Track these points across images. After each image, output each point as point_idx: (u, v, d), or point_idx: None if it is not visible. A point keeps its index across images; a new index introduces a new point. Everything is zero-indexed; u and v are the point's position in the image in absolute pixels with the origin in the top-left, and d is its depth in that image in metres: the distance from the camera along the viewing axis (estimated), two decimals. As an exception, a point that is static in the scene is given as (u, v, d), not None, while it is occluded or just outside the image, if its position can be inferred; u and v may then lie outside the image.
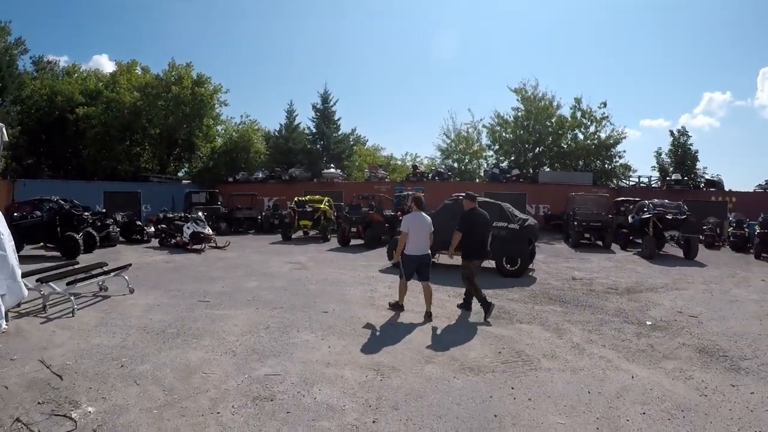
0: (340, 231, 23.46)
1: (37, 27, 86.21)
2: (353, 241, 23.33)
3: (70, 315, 9.96)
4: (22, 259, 17.34)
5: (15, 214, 20.73)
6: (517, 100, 43.64)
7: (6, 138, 11.64)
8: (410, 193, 27.93)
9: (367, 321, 9.59)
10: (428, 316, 9.78)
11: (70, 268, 12.61)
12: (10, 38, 42.47)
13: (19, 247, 18.77)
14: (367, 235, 22.30)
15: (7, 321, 9.05)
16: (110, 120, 41.98)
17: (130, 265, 13.08)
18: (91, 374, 6.68)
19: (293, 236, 26.55)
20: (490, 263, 15.45)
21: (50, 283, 10.71)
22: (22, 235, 19.24)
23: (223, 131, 50.84)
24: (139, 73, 46.78)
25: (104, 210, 26.28)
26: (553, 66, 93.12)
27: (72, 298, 10.47)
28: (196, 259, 18.80)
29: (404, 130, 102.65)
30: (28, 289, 10.28)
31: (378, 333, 8.87)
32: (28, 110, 43.15)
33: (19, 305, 10.29)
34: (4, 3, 75.41)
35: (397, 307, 10.40)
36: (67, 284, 10.71)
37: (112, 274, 12.41)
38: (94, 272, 12.28)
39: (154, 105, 42.67)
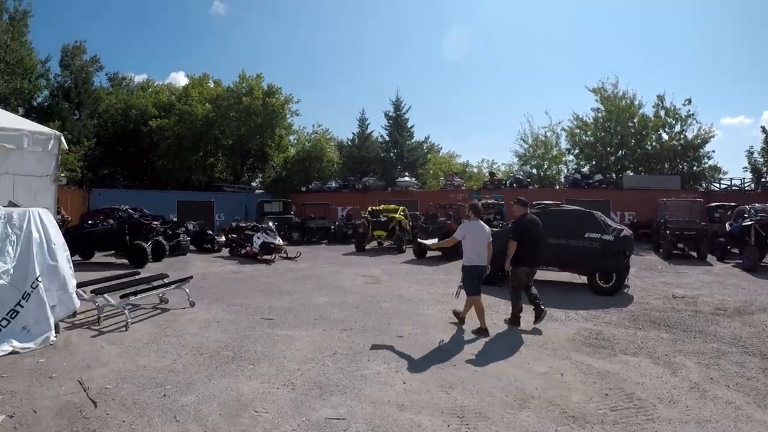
0: (416, 243, 22.19)
1: (117, 48, 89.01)
2: (429, 253, 22.01)
3: (124, 329, 9.26)
4: (92, 266, 18.11)
5: (89, 222, 20.98)
6: (596, 100, 41.90)
7: (65, 146, 11.10)
8: (493, 201, 26.64)
9: (447, 348, 8.35)
10: (484, 332, 9.18)
11: (131, 278, 11.99)
12: (86, 56, 44.17)
13: (89, 255, 20.42)
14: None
15: (57, 332, 8.62)
16: (183, 131, 42.39)
17: (191, 277, 12.27)
18: (128, 403, 5.78)
19: (367, 247, 25.57)
20: (579, 278, 14.45)
21: (105, 295, 10.03)
22: (92, 243, 20.38)
23: (295, 141, 50.77)
24: (211, 86, 47.17)
25: (176, 219, 26.49)
26: (628, 62, 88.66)
27: (126, 311, 9.72)
28: (265, 270, 18.03)
29: (480, 135, 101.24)
30: (84, 300, 9.89)
31: (460, 364, 7.58)
32: (104, 123, 44.29)
33: (74, 315, 9.83)
34: (87, 25, 78.29)
35: (481, 332, 9.20)
36: (121, 297, 9.93)
37: (173, 286, 11.58)
38: (153, 284, 11.53)
39: (225, 116, 42.78)
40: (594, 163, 41.59)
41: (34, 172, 11.03)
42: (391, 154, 47.41)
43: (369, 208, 26.85)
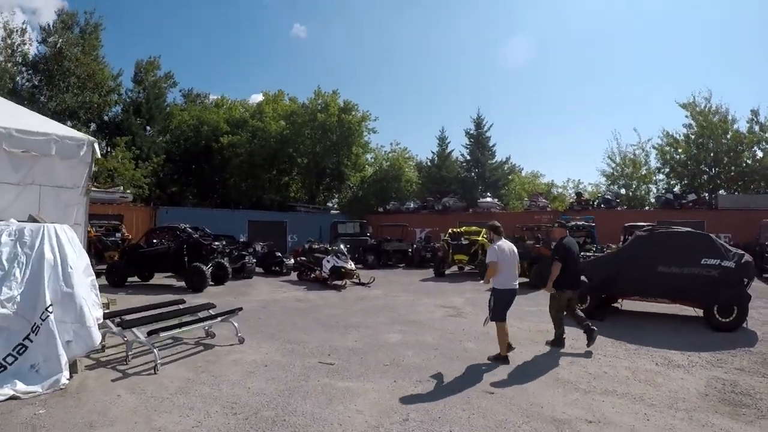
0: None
1: (195, 70, 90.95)
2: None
3: (152, 372, 7.77)
4: (149, 289, 17.81)
5: (153, 241, 20.25)
6: (687, 116, 38.79)
7: (98, 154, 9.56)
8: (583, 223, 24.33)
9: (554, 415, 6.29)
10: (504, 360, 8.68)
11: (172, 309, 10.49)
12: (159, 72, 44.90)
13: (148, 276, 19.79)
14: (533, 274, 18.78)
15: (74, 373, 7.49)
16: (255, 149, 41.65)
17: (240, 309, 10.50)
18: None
19: (447, 272, 23.56)
20: (689, 311, 12.81)
21: (134, 330, 8.55)
22: (150, 264, 19.34)
23: (372, 160, 49.56)
24: (287, 102, 46.46)
25: (245, 239, 25.94)
26: (719, 75, 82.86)
27: (155, 350, 8.15)
28: (333, 297, 16.38)
29: (565, 155, 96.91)
30: (113, 334, 8.68)
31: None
32: (176, 140, 44.42)
33: (103, 350, 8.87)
34: (167, 45, 79.59)
35: (499, 359, 8.73)
36: (149, 334, 8.26)
37: (219, 319, 9.95)
38: (186, 318, 9.96)
39: (300, 133, 41.84)
40: (685, 182, 38.65)
41: (63, 183, 9.47)
42: (472, 173, 45.39)
43: (449, 230, 24.98)
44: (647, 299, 12.83)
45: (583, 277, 12.90)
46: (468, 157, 46.04)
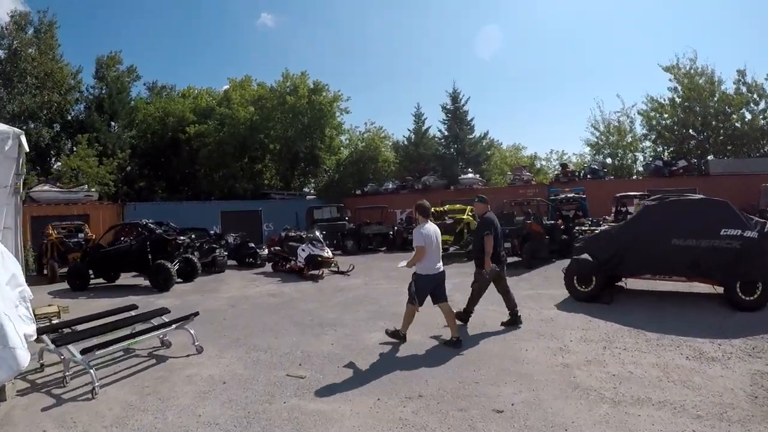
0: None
1: (162, 63, 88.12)
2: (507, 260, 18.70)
3: (90, 396, 6.69)
4: (113, 291, 16.80)
5: (122, 238, 19.07)
6: (670, 80, 37.73)
7: (26, 148, 8.18)
8: (573, 195, 23.21)
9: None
10: (457, 343, 8.44)
11: (121, 317, 9.28)
12: (121, 66, 44.24)
13: (114, 277, 18.80)
14: (525, 252, 17.68)
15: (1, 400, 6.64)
16: (225, 137, 40.22)
17: (196, 314, 9.20)
18: None
19: (431, 254, 22.22)
20: (708, 288, 11.43)
21: (70, 347, 7.36)
22: (112, 264, 18.22)
23: (347, 141, 48.29)
24: (254, 88, 44.84)
25: (218, 231, 24.92)
26: (701, 35, 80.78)
27: (92, 371, 6.96)
28: (309, 289, 15.13)
29: (546, 125, 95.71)
30: (49, 351, 7.68)
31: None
32: (142, 134, 43.42)
33: (42, 369, 7.95)
34: (132, 40, 77.80)
35: (397, 335, 8.84)
36: (83, 352, 7.04)
37: (173, 326, 8.73)
38: (140, 326, 8.91)
39: (270, 118, 40.44)
40: (672, 148, 37.66)
41: (-15, 182, 8.14)
42: (451, 149, 44.15)
43: (432, 210, 23.42)
44: (660, 277, 11.58)
45: (586, 255, 11.83)
46: (446, 133, 44.78)
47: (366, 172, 41.96)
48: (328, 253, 18.06)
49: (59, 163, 36.19)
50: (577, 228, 17.96)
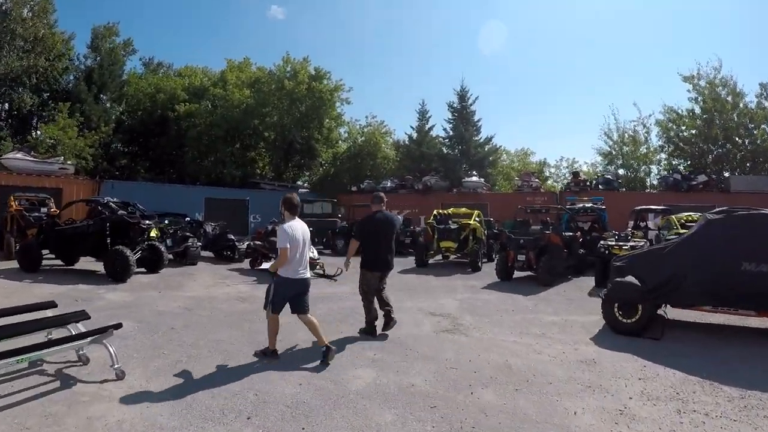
0: (502, 259, 16.36)
1: (174, 51, 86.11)
2: (517, 273, 16.35)
3: None
4: (68, 275, 15.05)
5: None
6: (689, 90, 35.90)
7: None
8: (589, 206, 20.90)
9: None
10: (327, 354, 7.35)
11: (32, 319, 7.05)
12: (118, 39, 43.29)
13: (74, 259, 16.92)
14: (543, 266, 15.25)
15: None
16: (216, 119, 38.11)
17: (118, 326, 6.71)
18: None
19: (430, 261, 20.02)
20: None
21: None
22: (68, 245, 16.13)
23: (346, 134, 46.18)
24: (254, 70, 42.78)
25: (200, 219, 23.53)
26: (720, 46, 77.86)
27: None
28: (286, 296, 12.72)
29: (556, 132, 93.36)
30: None
31: None
32: (131, 110, 42.15)
33: None
34: (143, 27, 75.80)
35: (268, 354, 7.65)
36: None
37: (87, 340, 6.50)
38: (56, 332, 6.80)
39: (265, 103, 38.29)
40: (689, 162, 35.75)
41: None
42: (456, 150, 42.21)
43: (435, 212, 21.32)
44: (722, 310, 9.29)
45: (630, 278, 9.59)
46: (451, 133, 42.85)
47: (364, 168, 40.29)
48: (313, 253, 15.65)
49: (39, 132, 34.57)
50: (601, 243, 15.64)
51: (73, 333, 6.56)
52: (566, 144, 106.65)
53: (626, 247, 14.48)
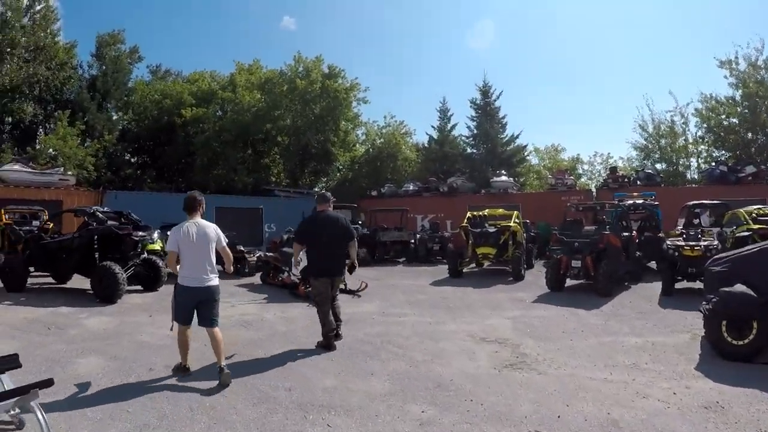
0: (553, 266, 14.18)
1: (185, 60, 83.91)
2: (568, 281, 14.19)
3: None
4: (57, 295, 13.55)
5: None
6: (726, 77, 33.45)
7: None
8: (640, 202, 18.68)
9: None
10: (222, 374, 6.55)
11: None
12: (123, 46, 42.50)
13: (63, 276, 14.96)
14: (603, 273, 13.02)
15: None
16: (225, 123, 36.56)
17: (48, 383, 4.58)
18: None
19: (464, 270, 17.93)
20: None
21: None
22: (52, 261, 14.56)
23: (364, 136, 44.28)
24: (264, 71, 40.98)
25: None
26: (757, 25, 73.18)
27: None
28: (300, 318, 10.73)
29: (587, 126, 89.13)
30: None
31: None
32: (138, 118, 41.04)
33: None
34: (153, 39, 74.65)
35: (180, 370, 6.96)
36: None
37: (8, 402, 4.47)
38: None
39: (277, 105, 36.49)
40: (733, 152, 33.36)
41: None
42: (481, 149, 40.13)
43: (468, 214, 19.09)
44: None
45: (741, 286, 7.53)
46: (475, 131, 40.74)
47: (384, 172, 38.39)
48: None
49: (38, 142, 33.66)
50: (668, 243, 13.44)
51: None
52: (598, 139, 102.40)
53: (698, 248, 12.47)
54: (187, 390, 6.26)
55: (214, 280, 6.96)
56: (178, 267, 6.91)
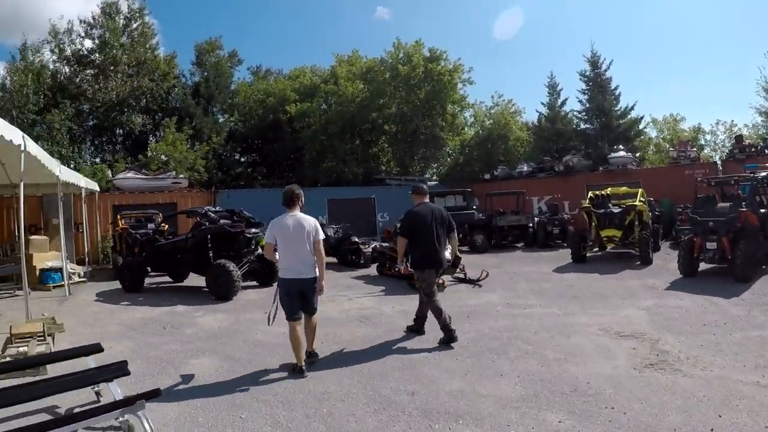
0: (686, 248, 12.97)
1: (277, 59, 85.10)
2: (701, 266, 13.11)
3: None
4: (174, 294, 13.90)
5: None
6: None
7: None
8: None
9: None
10: (310, 357, 7.15)
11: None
12: (222, 52, 44.43)
13: (183, 274, 15.36)
14: (741, 255, 11.75)
15: None
16: (331, 116, 36.58)
17: (156, 393, 4.66)
18: None
19: (587, 254, 16.96)
20: None
21: None
22: (167, 262, 15.11)
23: (472, 119, 43.07)
24: (363, 61, 40.64)
25: (323, 222, 21.27)
26: None
27: None
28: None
29: (704, 91, 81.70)
30: None
31: None
32: (243, 118, 42.48)
33: None
34: (245, 38, 76.25)
35: (296, 371, 6.72)
36: None
37: (114, 413, 4.43)
38: None
39: (381, 93, 36.02)
40: None
41: None
42: (595, 124, 37.99)
43: (590, 194, 18.01)
44: None
45: None
46: (587, 105, 38.57)
47: (495, 154, 36.94)
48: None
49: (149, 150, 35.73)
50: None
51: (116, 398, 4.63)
52: (718, 105, 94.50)
53: None
54: (303, 393, 6.01)
55: (312, 272, 7.05)
56: (276, 255, 7.13)
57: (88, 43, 37.46)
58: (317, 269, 7.11)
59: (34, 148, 10.54)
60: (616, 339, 7.71)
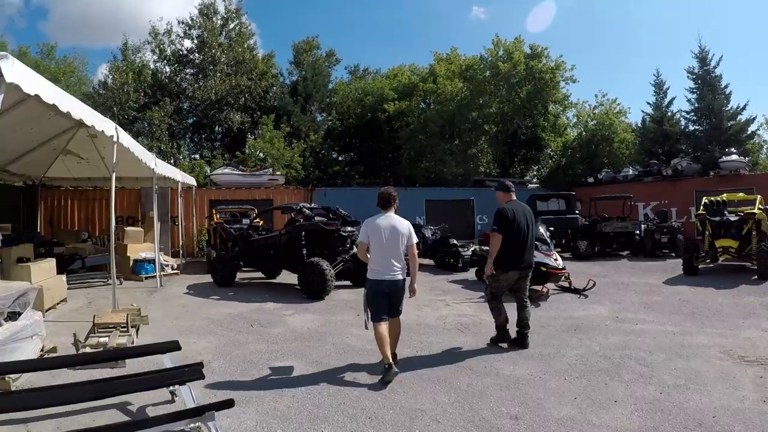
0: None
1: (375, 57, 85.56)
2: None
3: None
4: (263, 290, 13.99)
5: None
6: None
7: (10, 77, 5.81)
8: None
9: None
10: (394, 359, 6.78)
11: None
12: (319, 51, 45.51)
13: (272, 271, 15.80)
14: None
15: None
16: (430, 115, 36.32)
17: (230, 404, 4.54)
18: None
19: (700, 266, 15.77)
20: None
21: None
22: (259, 258, 15.23)
23: (574, 119, 41.42)
24: (462, 59, 39.74)
25: (420, 223, 22.96)
26: None
27: None
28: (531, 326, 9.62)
29: None
30: None
31: None
32: (341, 117, 43.38)
33: None
34: (344, 33, 77.29)
35: (389, 372, 6.44)
36: None
37: (181, 422, 4.41)
38: None
39: (481, 91, 35.35)
40: None
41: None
42: (705, 125, 35.65)
43: (705, 200, 16.91)
44: None
45: None
46: (696, 105, 36.12)
47: (599, 156, 35.74)
48: (557, 260, 12.52)
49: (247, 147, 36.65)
50: None
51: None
52: None
53: None
54: (394, 409, 5.59)
55: (401, 274, 7.04)
56: (368, 256, 7.10)
57: (187, 43, 39.55)
58: (408, 271, 7.12)
59: (127, 140, 10.74)
60: (740, 365, 6.94)
